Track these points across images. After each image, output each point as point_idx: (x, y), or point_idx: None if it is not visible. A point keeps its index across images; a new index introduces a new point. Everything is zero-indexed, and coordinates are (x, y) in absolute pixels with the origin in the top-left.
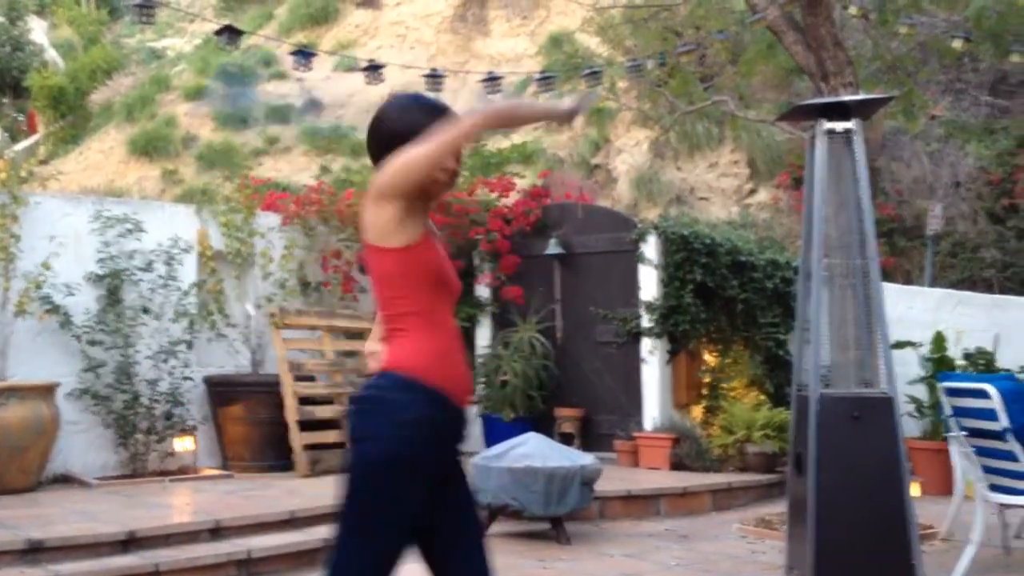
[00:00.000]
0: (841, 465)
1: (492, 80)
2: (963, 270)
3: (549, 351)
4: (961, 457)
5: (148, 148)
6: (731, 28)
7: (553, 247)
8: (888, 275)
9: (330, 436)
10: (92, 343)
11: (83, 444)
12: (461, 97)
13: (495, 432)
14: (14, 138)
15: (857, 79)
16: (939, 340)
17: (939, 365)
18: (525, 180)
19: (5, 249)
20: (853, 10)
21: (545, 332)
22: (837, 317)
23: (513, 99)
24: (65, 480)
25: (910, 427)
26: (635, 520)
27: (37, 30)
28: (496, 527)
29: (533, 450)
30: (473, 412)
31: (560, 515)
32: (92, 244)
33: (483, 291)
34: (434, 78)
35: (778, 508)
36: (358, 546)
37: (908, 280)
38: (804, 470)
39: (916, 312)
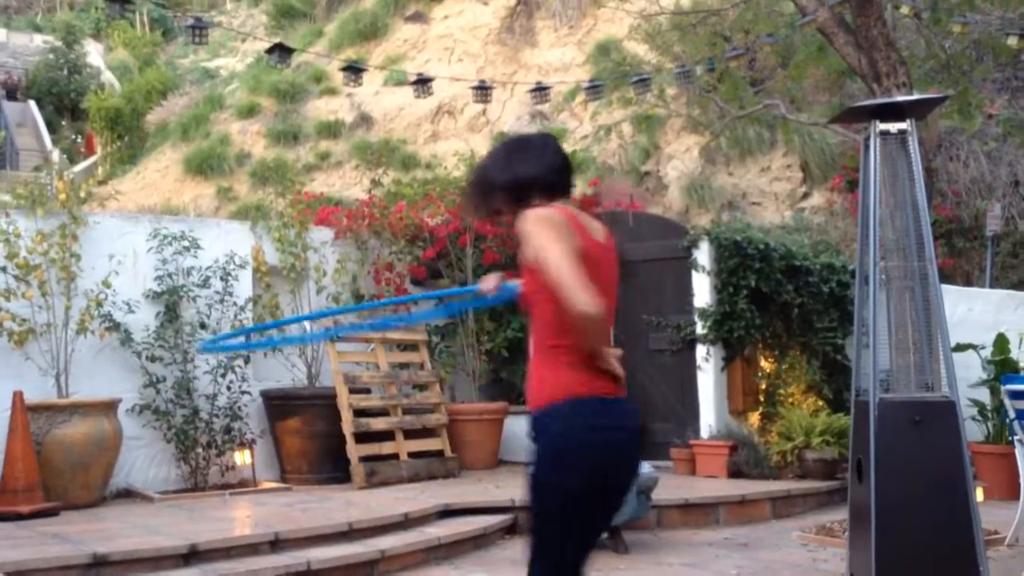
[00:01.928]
0: (903, 471)
1: (540, 90)
2: None
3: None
4: None
5: (203, 166)
6: (780, 31)
7: None
8: (947, 277)
9: (386, 447)
10: (152, 359)
11: (145, 459)
12: (509, 108)
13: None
14: (73, 159)
15: (910, 79)
16: (1001, 342)
17: (1002, 367)
18: (575, 189)
19: (66, 268)
20: (905, 9)
21: None
22: (896, 320)
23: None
24: (128, 495)
25: (973, 431)
26: (693, 529)
27: (93, 53)
28: None
29: None
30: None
31: (617, 524)
32: (150, 262)
33: None
34: (482, 90)
35: (839, 515)
36: None
37: (968, 281)
38: (865, 476)
39: (977, 314)
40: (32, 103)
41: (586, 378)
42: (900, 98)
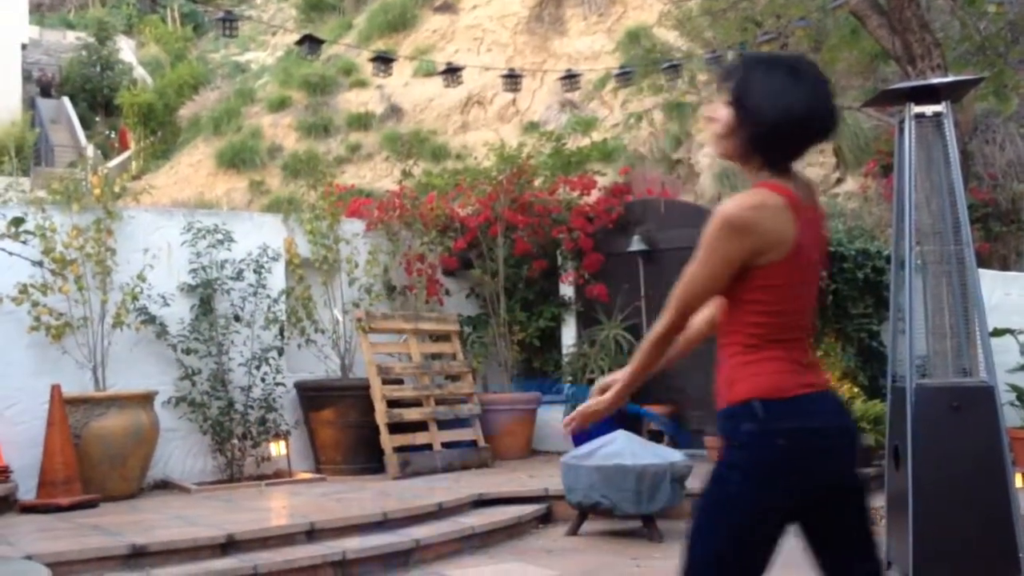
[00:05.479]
0: (940, 457)
1: (570, 78)
2: None
3: (636, 348)
4: None
5: (235, 160)
6: (813, 15)
7: (636, 244)
8: (984, 261)
9: (419, 438)
10: (187, 352)
11: (181, 451)
12: (539, 97)
13: (583, 431)
14: (107, 155)
15: (945, 61)
16: None
17: None
18: (606, 178)
19: (102, 263)
20: None
21: (631, 329)
22: (932, 306)
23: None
24: (165, 486)
25: (1011, 417)
26: None
27: (126, 49)
28: (588, 526)
29: (622, 448)
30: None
31: (652, 513)
32: (184, 255)
33: (567, 290)
34: (512, 79)
35: (876, 502)
36: None
37: (1005, 266)
38: (902, 463)
39: (1014, 298)
40: (66, 99)
41: (787, 371)
42: (935, 80)
